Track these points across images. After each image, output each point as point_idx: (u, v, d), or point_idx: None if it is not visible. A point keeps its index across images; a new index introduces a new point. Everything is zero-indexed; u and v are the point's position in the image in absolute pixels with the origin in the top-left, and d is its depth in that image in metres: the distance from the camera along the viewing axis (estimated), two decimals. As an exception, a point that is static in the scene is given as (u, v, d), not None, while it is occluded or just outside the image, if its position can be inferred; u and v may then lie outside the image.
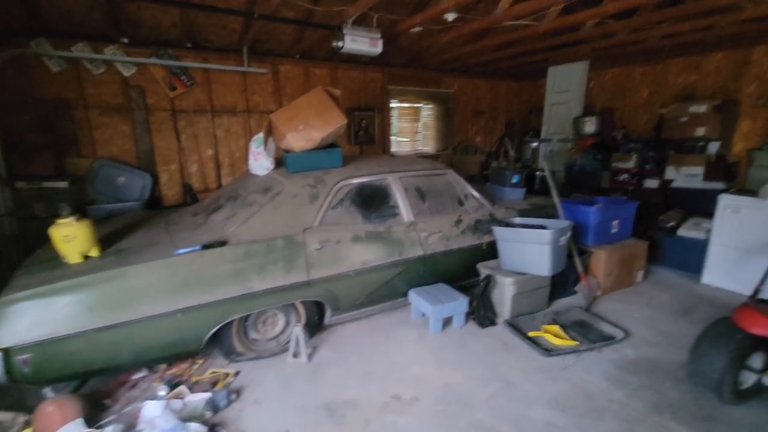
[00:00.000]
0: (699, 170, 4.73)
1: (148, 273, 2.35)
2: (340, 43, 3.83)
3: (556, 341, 2.96)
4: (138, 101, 4.64)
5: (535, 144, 7.03)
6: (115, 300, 2.25)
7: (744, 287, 3.78)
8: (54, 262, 2.49)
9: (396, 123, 6.77)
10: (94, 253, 2.54)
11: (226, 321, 2.58)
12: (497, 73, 7.17)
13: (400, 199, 3.34)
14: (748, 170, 4.09)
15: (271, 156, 3.28)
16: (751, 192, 3.84)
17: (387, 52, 4.56)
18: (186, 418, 2.16)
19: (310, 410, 2.31)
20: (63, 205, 2.50)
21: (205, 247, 2.52)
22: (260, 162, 3.29)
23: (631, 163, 5.42)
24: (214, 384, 2.53)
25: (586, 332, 3.11)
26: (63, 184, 4.04)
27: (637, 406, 2.32)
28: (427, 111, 6.88)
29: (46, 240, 2.58)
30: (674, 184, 4.92)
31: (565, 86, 6.47)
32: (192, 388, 2.44)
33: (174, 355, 2.53)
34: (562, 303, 3.66)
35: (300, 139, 3.07)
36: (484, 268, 3.51)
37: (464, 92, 7.09)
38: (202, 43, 4.70)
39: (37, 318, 2.10)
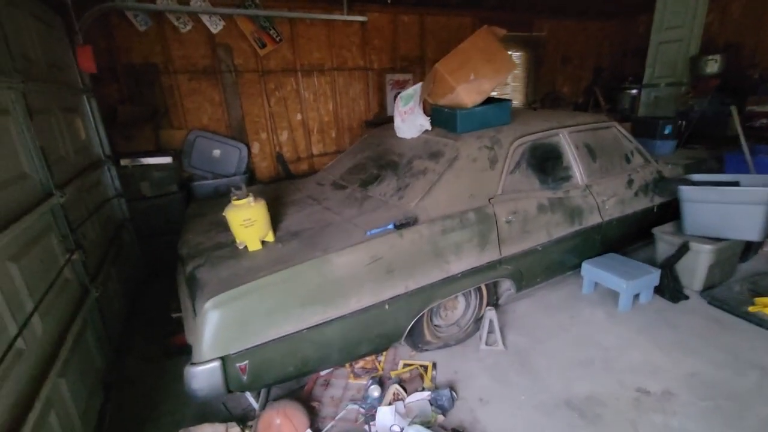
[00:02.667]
0: None
1: (353, 260, 1.98)
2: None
3: (784, 316, 2.55)
4: (227, 62, 4.15)
5: (634, 91, 6.30)
6: (325, 294, 1.91)
7: None
8: (227, 249, 2.15)
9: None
10: (270, 238, 2.18)
11: (428, 308, 2.23)
12: (588, 12, 6.34)
13: (572, 158, 2.87)
14: None
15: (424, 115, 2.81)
16: None
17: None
18: (419, 423, 1.86)
19: (552, 409, 1.99)
20: (239, 184, 2.12)
21: (399, 226, 2.13)
22: (411, 122, 2.83)
23: (772, 106, 4.74)
24: (413, 378, 2.23)
25: (807, 304, 2.69)
26: (167, 160, 3.66)
27: None
28: (515, 60, 6.19)
29: (163, 221, 2.22)
30: (834, 128, 4.27)
31: (679, 21, 5.64)
32: (404, 387, 2.13)
33: (376, 350, 2.22)
34: (743, 269, 3.22)
35: (472, 92, 2.57)
36: (665, 234, 3.06)
37: (554, 36, 6.33)
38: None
39: (249, 319, 1.77)
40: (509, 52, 2.69)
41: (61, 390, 1.68)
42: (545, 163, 2.77)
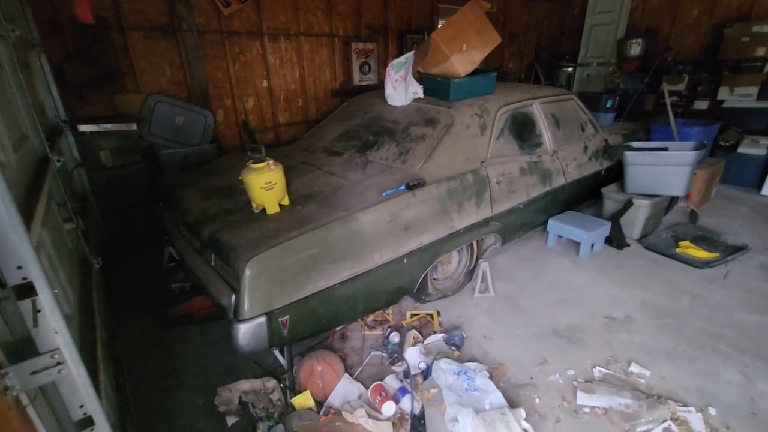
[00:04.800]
0: (754, 90, 5.00)
1: (376, 218, 2.11)
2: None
3: (701, 254, 3.20)
4: (187, 20, 3.83)
5: (570, 69, 6.96)
6: (353, 250, 2.03)
7: (804, 196, 4.27)
8: (243, 213, 2.16)
9: (436, 48, 6.29)
10: (286, 201, 2.22)
11: (437, 261, 2.46)
12: (531, -9, 6.78)
13: (543, 126, 3.22)
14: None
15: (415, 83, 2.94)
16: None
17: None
18: (441, 358, 2.12)
19: (544, 338, 2.36)
20: (257, 147, 2.09)
21: (411, 186, 2.29)
22: (403, 89, 2.94)
23: (682, 86, 5.59)
24: (423, 325, 2.47)
25: (715, 245, 3.38)
26: (132, 126, 3.37)
27: (811, 301, 2.63)
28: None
29: (127, 193, 2.20)
30: (726, 105, 5.19)
31: (609, 5, 6.31)
32: (421, 332, 2.36)
33: (391, 302, 2.40)
34: (666, 220, 3.91)
35: (464, 61, 2.76)
36: (611, 193, 3.59)
37: (503, 12, 6.68)
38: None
39: (288, 277, 1.84)
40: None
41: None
42: (522, 130, 3.08)
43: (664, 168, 3.35)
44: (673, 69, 5.69)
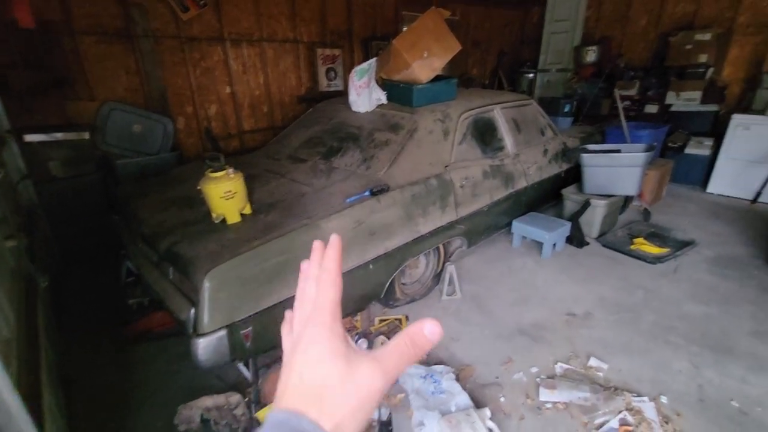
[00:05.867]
0: (697, 95, 5.35)
1: (340, 225, 2.10)
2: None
3: (653, 250, 3.37)
4: (143, 24, 3.71)
5: (531, 75, 7.21)
6: (318, 257, 2.01)
7: (744, 193, 4.61)
8: (203, 224, 2.10)
9: (402, 54, 6.37)
10: (248, 210, 2.18)
11: (403, 267, 2.47)
12: (491, 1, 6.99)
13: (504, 131, 3.32)
14: (757, 92, 4.77)
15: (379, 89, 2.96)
16: (757, 112, 4.51)
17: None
18: (408, 365, 2.12)
19: (510, 337, 2.42)
20: (215, 155, 2.05)
21: (375, 192, 2.30)
22: (367, 95, 2.96)
23: (633, 90, 5.91)
24: (392, 330, 2.48)
25: (666, 241, 3.58)
26: (84, 135, 3.22)
27: (751, 291, 2.83)
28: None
29: (80, 205, 2.13)
30: (673, 108, 5.53)
31: (565, 14, 6.59)
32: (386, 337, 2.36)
33: (359, 309, 2.39)
34: (621, 219, 4.11)
35: (425, 68, 2.80)
36: (571, 194, 3.74)
37: (466, 20, 6.85)
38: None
39: (250, 287, 1.80)
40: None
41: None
42: (484, 134, 3.16)
43: (617, 169, 3.52)
44: (626, 75, 6.00)
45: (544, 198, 3.84)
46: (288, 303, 1.92)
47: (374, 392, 0.33)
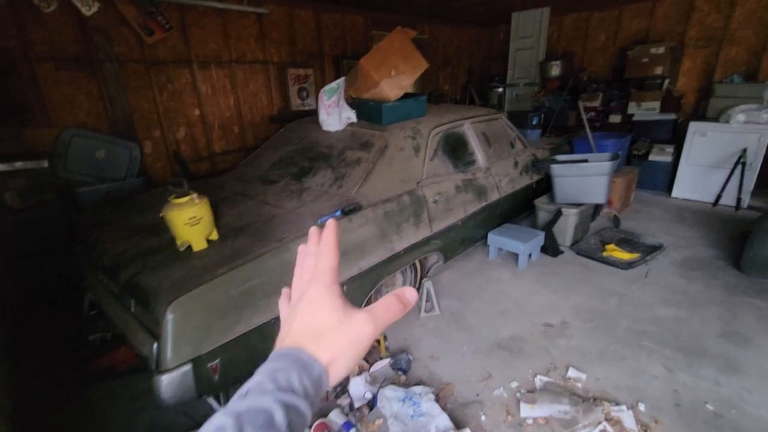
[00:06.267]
0: (656, 104, 5.62)
1: (311, 247, 2.06)
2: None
3: (624, 256, 3.45)
4: (105, 49, 3.63)
5: (500, 89, 7.42)
6: (289, 282, 1.95)
7: (706, 196, 4.81)
8: (167, 252, 2.02)
9: (374, 72, 6.46)
10: (215, 236, 2.11)
11: (379, 285, 2.43)
12: (459, 20, 7.21)
13: (475, 145, 3.37)
14: (708, 100, 5.04)
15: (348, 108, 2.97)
16: (712, 119, 4.76)
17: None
18: (386, 386, 2.07)
19: (489, 352, 2.40)
20: (178, 180, 1.98)
21: (346, 212, 2.28)
22: (337, 115, 2.96)
23: (597, 102, 6.15)
24: (371, 352, 2.42)
25: (636, 246, 3.68)
26: (42, 163, 3.09)
27: (717, 292, 2.92)
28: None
29: (39, 237, 2.04)
30: (635, 118, 5.77)
31: (529, 31, 6.84)
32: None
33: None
34: (593, 226, 4.21)
35: (394, 86, 2.83)
36: (543, 204, 3.81)
37: (435, 39, 7.02)
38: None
39: (217, 317, 1.73)
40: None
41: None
42: (455, 149, 3.20)
43: (585, 178, 3.62)
44: (589, 87, 6.26)
45: (518, 209, 3.89)
46: (259, 330, 1.86)
47: (365, 335, 0.39)
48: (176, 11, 3.99)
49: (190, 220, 1.94)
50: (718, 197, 4.66)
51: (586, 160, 3.86)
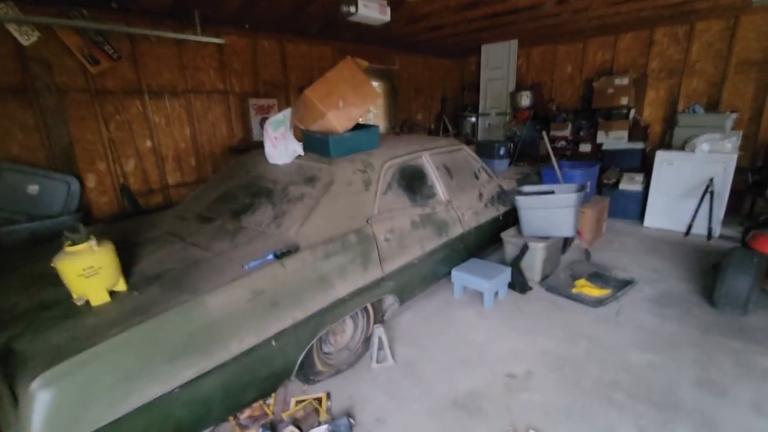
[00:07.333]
0: (624, 134, 5.63)
1: (231, 298, 1.80)
2: (351, 8, 3.37)
3: (595, 293, 3.26)
4: (44, 79, 3.41)
5: (473, 119, 7.43)
6: (199, 342, 1.68)
7: (677, 225, 4.73)
8: (60, 308, 1.74)
9: (344, 102, 6.39)
10: (122, 286, 1.84)
11: (318, 337, 2.17)
12: (430, 51, 7.28)
13: (434, 177, 3.20)
14: (673, 130, 5.05)
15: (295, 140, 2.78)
16: (678, 148, 4.75)
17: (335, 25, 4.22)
18: (320, 462, 1.78)
19: (442, 412, 2.12)
20: (75, 225, 1.72)
21: (280, 255, 2.04)
22: (283, 147, 2.77)
23: (567, 131, 6.16)
24: (307, 415, 2.12)
25: (607, 281, 3.50)
26: (-44, 202, 2.79)
27: (692, 332, 2.73)
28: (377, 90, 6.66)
29: None
30: (605, 147, 5.77)
31: (499, 62, 6.93)
32: (299, 426, 2.00)
33: (264, 394, 2.03)
34: (563, 259, 4.04)
35: (342, 117, 2.67)
36: (510, 238, 3.63)
37: (406, 70, 7.04)
38: (127, 3, 3.62)
39: (100, 392, 1.43)
40: (373, 83, 2.89)
41: None
42: (412, 182, 3.02)
43: (552, 210, 3.47)
44: (558, 117, 6.28)
45: (485, 243, 3.70)
46: (159, 403, 1.57)
47: None
48: (126, 40, 3.84)
49: (85, 271, 1.67)
50: (690, 227, 4.57)
51: (552, 192, 3.74)
